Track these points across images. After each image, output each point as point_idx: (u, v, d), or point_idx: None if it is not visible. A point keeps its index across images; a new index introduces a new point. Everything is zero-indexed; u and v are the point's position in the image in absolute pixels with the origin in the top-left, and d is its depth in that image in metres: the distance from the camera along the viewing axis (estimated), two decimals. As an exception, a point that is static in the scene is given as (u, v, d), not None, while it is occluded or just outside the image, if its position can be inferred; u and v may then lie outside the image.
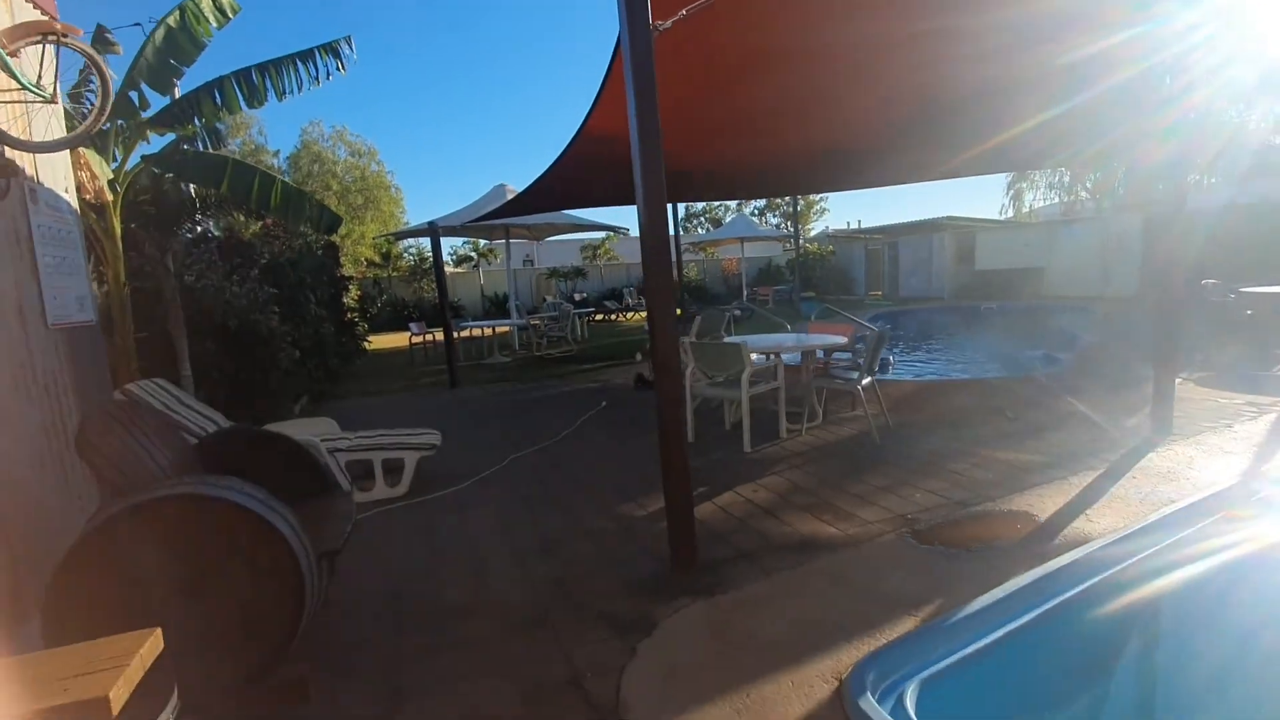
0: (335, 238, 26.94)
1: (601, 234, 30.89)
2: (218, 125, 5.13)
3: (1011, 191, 32.65)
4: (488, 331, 13.57)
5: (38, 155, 2.91)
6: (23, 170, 2.83)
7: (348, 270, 19.01)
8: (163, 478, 2.27)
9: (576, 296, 21.55)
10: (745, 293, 23.96)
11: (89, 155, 4.03)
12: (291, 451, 2.96)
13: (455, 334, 12.86)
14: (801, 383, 5.81)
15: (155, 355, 5.50)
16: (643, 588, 3.03)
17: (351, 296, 14.77)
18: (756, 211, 46.57)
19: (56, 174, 3.16)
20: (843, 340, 5.76)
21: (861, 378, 5.26)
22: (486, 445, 5.94)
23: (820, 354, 5.90)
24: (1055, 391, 6.61)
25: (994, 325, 15.19)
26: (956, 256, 21.19)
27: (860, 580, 2.99)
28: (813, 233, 39.42)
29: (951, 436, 5.18)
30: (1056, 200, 31.18)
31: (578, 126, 5.13)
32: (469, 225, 11.88)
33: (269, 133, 33.17)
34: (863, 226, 29.43)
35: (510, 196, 13.18)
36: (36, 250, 2.84)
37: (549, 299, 19.51)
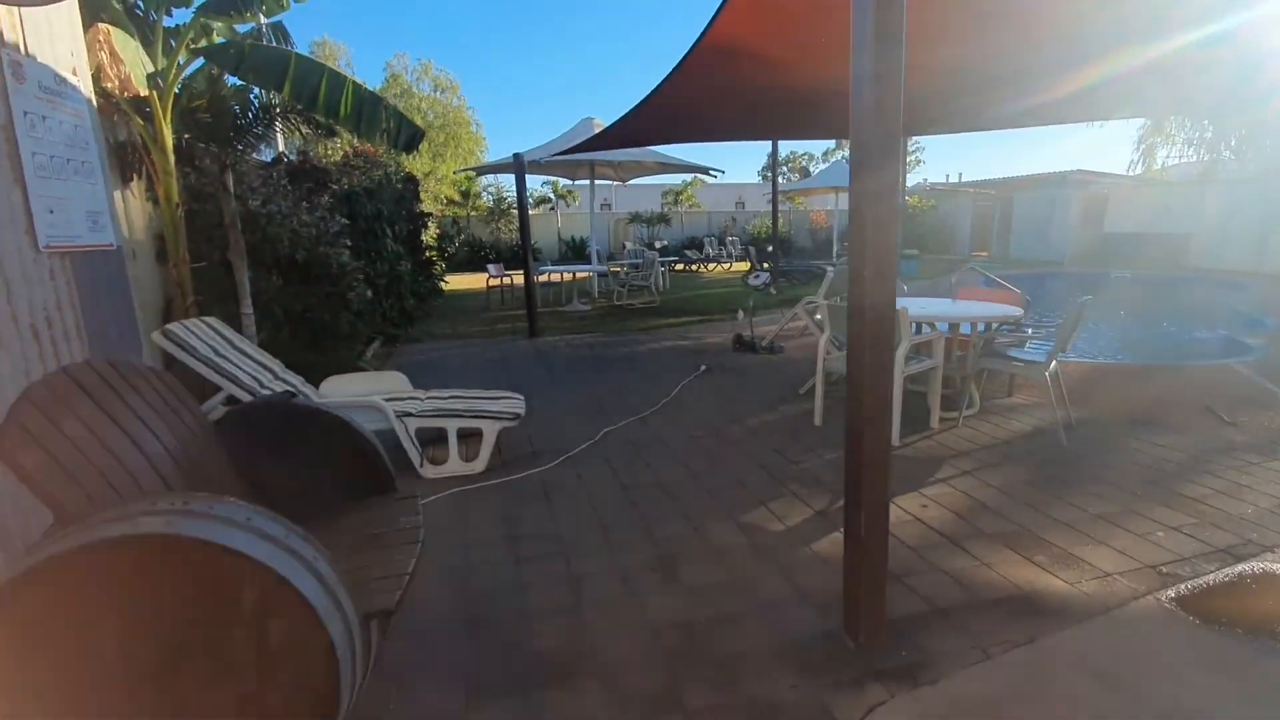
0: (418, 173, 26.72)
1: (685, 178, 29.45)
2: (280, 20, 4.35)
3: (1143, 146, 29.00)
4: (566, 277, 12.80)
5: (22, 10, 2.14)
6: (-2, 32, 2.08)
7: (427, 207, 18.56)
8: (136, 497, 1.52)
9: (657, 244, 20.46)
10: (835, 248, 22.22)
11: (112, 33, 3.31)
12: (341, 437, 2.20)
13: (535, 278, 12.17)
14: (961, 361, 4.71)
15: (214, 288, 4.94)
16: (808, 659, 2.15)
17: (430, 234, 14.27)
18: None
19: (57, 48, 2.41)
20: (1018, 312, 4.59)
21: (1049, 361, 4.11)
22: (572, 409, 5.16)
23: (981, 328, 4.74)
24: (1264, 385, 5.24)
25: (1130, 298, 13.24)
26: (1083, 216, 18.79)
27: (1135, 682, 2.01)
28: (908, 185, 36.27)
29: (1160, 443, 4.01)
30: (1195, 158, 27.46)
31: (693, 41, 4.05)
32: (555, 159, 10.96)
33: (356, 64, 32.94)
34: (963, 180, 26.75)
35: (598, 131, 12.16)
36: (20, 144, 2.11)
37: (628, 245, 18.53)
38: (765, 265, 16.45)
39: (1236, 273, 14.63)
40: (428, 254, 12.90)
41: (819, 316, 5.41)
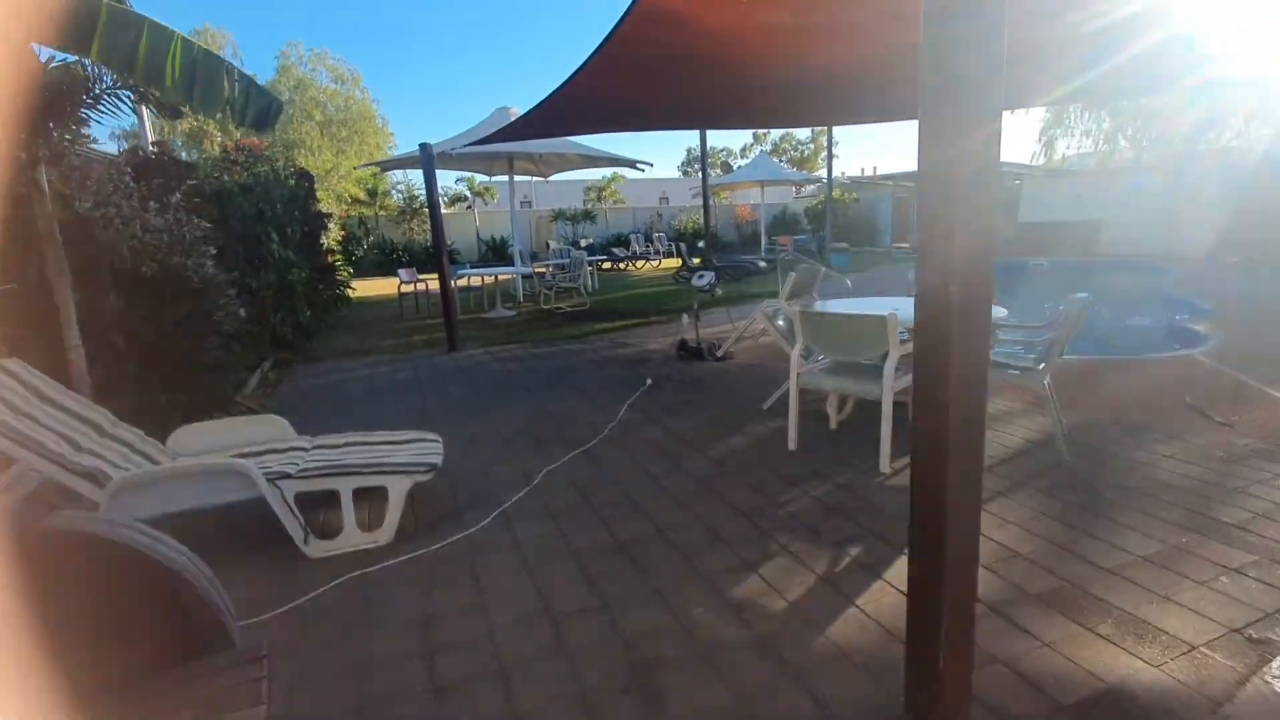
0: (317, 170, 24.70)
1: (607, 174, 28.72)
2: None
3: (1044, 138, 30.59)
4: (488, 280, 11.83)
5: None
6: None
7: (328, 206, 16.94)
8: None
9: (582, 242, 19.67)
10: (764, 242, 22.10)
11: None
12: (130, 577, 1.34)
13: (453, 283, 11.13)
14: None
15: (29, 317, 3.83)
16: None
17: (332, 236, 12.93)
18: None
19: None
20: (1003, 312, 4.13)
21: (1047, 369, 3.66)
22: (503, 442, 4.34)
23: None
24: (1232, 375, 5.07)
25: (1057, 286, 13.56)
26: (999, 206, 19.36)
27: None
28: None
29: (1164, 453, 3.63)
30: (1093, 148, 29.19)
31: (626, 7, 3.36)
32: (469, 150, 9.99)
33: (244, 55, 30.30)
34: (879, 173, 27.33)
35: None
36: None
37: (552, 244, 17.65)
38: (698, 261, 15.99)
39: (1147, 257, 15.32)
40: (330, 258, 11.68)
41: (781, 323, 4.82)
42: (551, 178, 14.46)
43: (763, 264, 15.89)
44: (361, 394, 5.88)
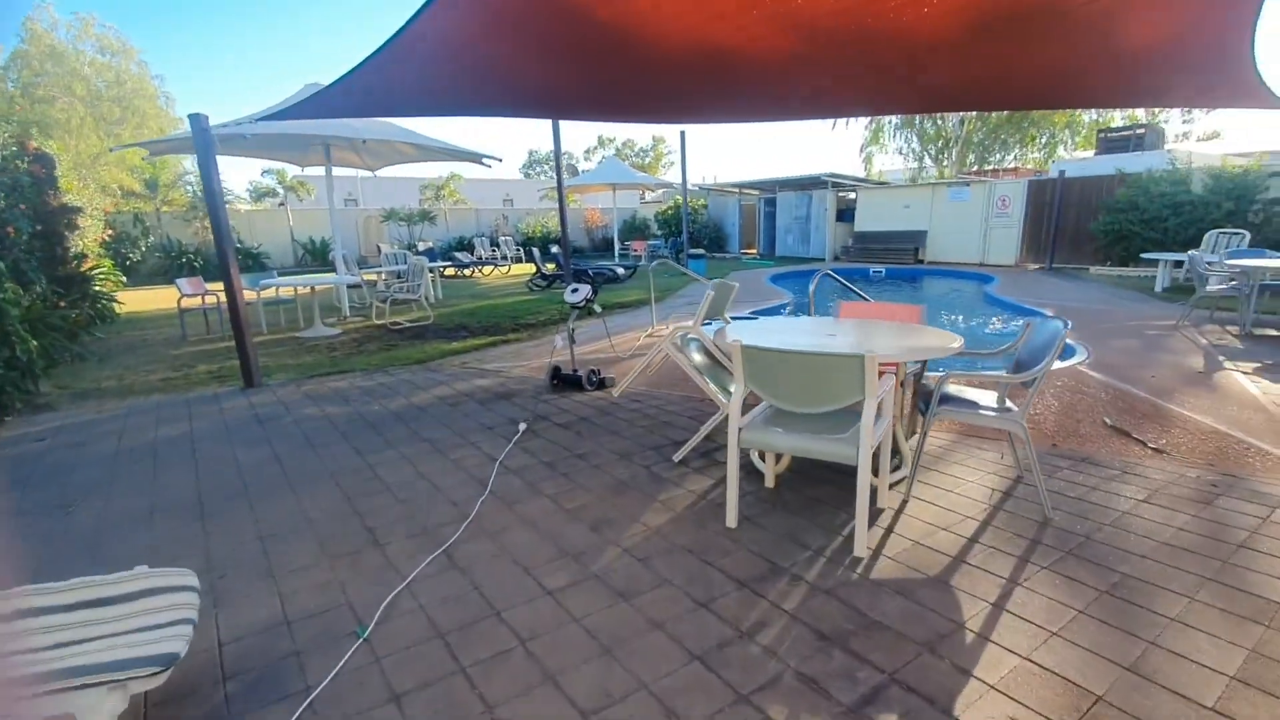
0: (81, 157, 20.00)
1: (444, 171, 26.53)
2: None
3: (864, 154, 33.27)
4: (302, 291, 9.74)
5: None
6: None
7: (84, 199, 13.29)
8: None
9: (420, 246, 17.65)
10: (617, 247, 21.44)
11: None
12: None
13: (255, 293, 8.92)
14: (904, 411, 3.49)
15: None
16: None
17: (88, 238, 10.05)
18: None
19: None
20: (959, 341, 3.50)
21: (1025, 408, 3.03)
22: (317, 548, 2.93)
23: (913, 364, 3.58)
24: (1118, 387, 4.98)
25: (901, 293, 14.18)
26: (838, 216, 20.31)
27: None
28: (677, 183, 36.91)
29: (1133, 494, 3.17)
30: (904, 165, 32.21)
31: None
32: (266, 128, 8.02)
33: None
34: (719, 181, 27.90)
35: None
36: None
37: (384, 248, 15.52)
38: (552, 267, 14.82)
39: (966, 264, 16.64)
40: (88, 266, 9.01)
41: (698, 357, 3.86)
42: (380, 172, 12.52)
43: (621, 271, 15.09)
44: (98, 468, 4.05)
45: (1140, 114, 23.70)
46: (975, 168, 27.76)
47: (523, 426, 4.37)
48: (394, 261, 12.39)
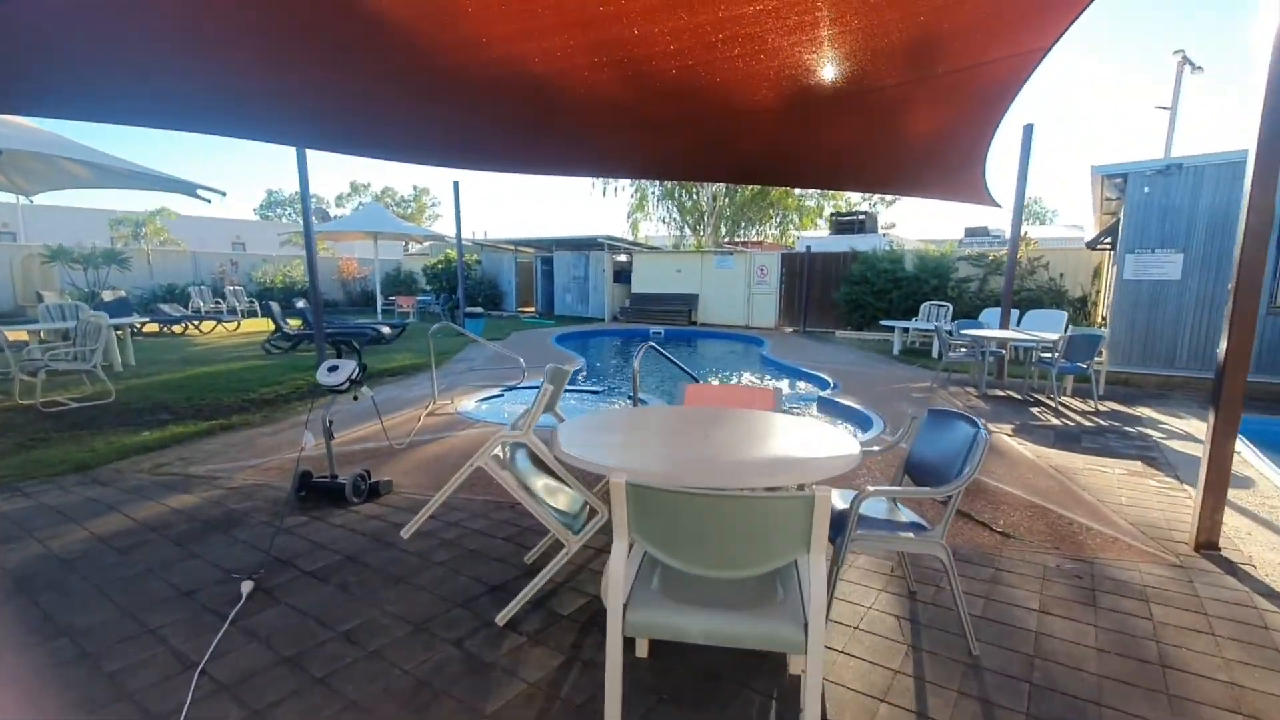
0: None
1: (149, 205, 21.69)
2: None
3: (630, 220, 35.05)
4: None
5: None
6: None
7: None
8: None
9: (107, 295, 13.72)
10: (380, 302, 19.07)
11: None
12: None
13: None
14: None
15: None
16: None
17: None
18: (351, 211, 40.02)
19: None
20: (855, 452, 2.93)
21: (945, 527, 2.51)
22: None
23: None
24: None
25: (686, 354, 14.41)
26: (614, 277, 20.56)
27: None
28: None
29: (1024, 601, 2.84)
30: (666, 232, 34.56)
31: None
32: None
33: None
34: (489, 236, 27.04)
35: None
36: None
37: (47, 297, 11.66)
38: (296, 324, 12.39)
39: (734, 326, 17.71)
40: None
41: (539, 480, 2.80)
42: (41, 199, 9.28)
43: (386, 330, 13.18)
44: None
45: (858, 201, 28.31)
46: (728, 239, 30.67)
47: (248, 587, 2.83)
48: (55, 316, 9.19)
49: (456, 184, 15.14)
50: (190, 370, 9.27)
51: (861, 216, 20.48)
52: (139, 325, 12.75)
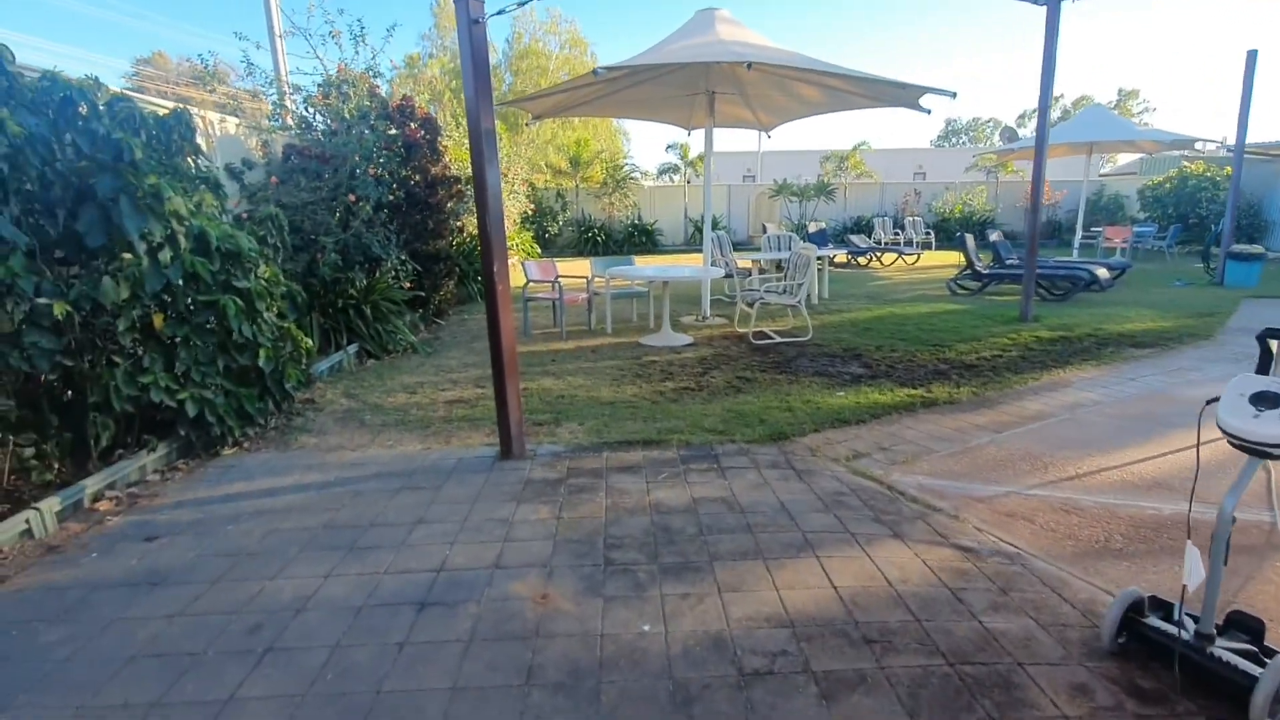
0: (538, 142, 22.65)
1: (858, 137, 23.03)
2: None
3: None
4: (656, 289, 7.79)
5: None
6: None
7: (521, 176, 14.23)
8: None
9: (811, 227, 14.79)
10: (1078, 235, 14.95)
11: None
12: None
13: (604, 280, 7.17)
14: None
15: None
16: None
17: (513, 211, 9.79)
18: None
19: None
20: None
21: None
22: None
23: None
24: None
25: None
26: None
27: None
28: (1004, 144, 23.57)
29: None
30: None
31: None
32: (638, 62, 6.00)
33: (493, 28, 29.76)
34: (1252, 140, 17.75)
35: (722, 29, 6.96)
36: None
37: (769, 228, 13.09)
38: (987, 260, 10.43)
39: None
40: (442, 242, 8.07)
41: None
42: (778, 143, 9.86)
43: (1103, 273, 9.76)
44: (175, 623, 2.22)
45: None
46: None
47: None
48: (774, 246, 9.78)
49: (1252, 53, 9.73)
50: (876, 309, 8.54)
51: None
52: (832, 256, 13.23)
